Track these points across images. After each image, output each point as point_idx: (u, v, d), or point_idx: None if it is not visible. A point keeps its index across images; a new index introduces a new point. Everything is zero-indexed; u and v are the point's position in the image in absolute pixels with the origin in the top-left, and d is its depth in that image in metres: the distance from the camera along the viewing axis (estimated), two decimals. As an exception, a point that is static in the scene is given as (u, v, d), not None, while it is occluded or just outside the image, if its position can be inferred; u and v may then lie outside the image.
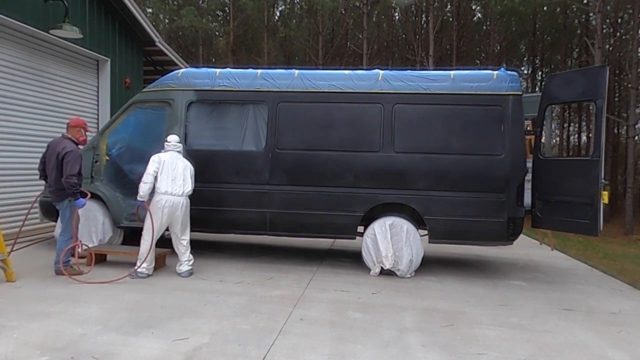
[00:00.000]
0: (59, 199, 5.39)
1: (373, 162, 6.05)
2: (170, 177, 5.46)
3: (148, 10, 27.57)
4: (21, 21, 7.20)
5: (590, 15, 22.55)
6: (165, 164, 5.47)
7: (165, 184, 5.44)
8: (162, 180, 5.44)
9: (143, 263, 5.45)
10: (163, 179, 5.45)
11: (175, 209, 5.47)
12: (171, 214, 5.47)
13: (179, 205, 5.48)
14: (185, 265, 5.66)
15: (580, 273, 6.83)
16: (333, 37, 28.10)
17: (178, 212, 5.49)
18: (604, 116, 5.68)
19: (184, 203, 5.54)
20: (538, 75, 30.98)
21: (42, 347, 3.43)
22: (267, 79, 6.33)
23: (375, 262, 6.02)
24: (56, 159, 5.24)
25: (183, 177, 5.53)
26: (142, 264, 5.45)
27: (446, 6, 28.08)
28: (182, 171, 5.54)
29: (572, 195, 5.80)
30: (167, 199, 5.43)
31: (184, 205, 5.53)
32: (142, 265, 5.45)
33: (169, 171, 5.47)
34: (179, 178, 5.50)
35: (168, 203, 5.43)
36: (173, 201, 5.44)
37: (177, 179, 5.49)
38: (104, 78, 9.50)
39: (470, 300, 5.07)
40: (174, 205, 5.45)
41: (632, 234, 17.57)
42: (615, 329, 4.33)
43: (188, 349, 3.50)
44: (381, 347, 3.67)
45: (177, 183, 5.48)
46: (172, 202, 5.43)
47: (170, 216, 5.48)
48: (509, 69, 6.10)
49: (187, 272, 5.65)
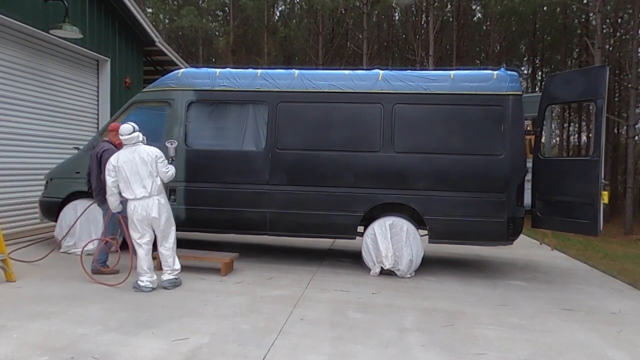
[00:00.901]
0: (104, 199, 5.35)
1: (373, 162, 6.05)
2: (130, 180, 4.87)
3: (148, 10, 27.56)
4: (21, 21, 7.20)
5: (590, 15, 22.55)
6: (120, 169, 4.88)
7: (126, 190, 4.91)
8: (122, 188, 4.93)
9: (142, 277, 4.98)
10: (122, 186, 4.92)
11: (148, 211, 4.89)
12: (145, 218, 4.90)
13: (151, 206, 4.90)
14: (167, 274, 5.06)
15: (580, 273, 6.83)
16: (333, 37, 28.08)
17: (154, 214, 4.91)
18: (604, 116, 5.67)
19: (157, 202, 4.94)
20: (538, 75, 30.99)
21: (42, 347, 3.43)
22: (267, 79, 6.33)
23: (375, 262, 6.02)
24: (96, 158, 5.51)
25: (146, 174, 4.88)
26: (141, 278, 4.98)
27: (446, 6, 28.09)
28: (141, 167, 4.88)
29: (572, 195, 5.80)
30: (134, 204, 4.89)
31: (156, 205, 4.92)
32: (140, 279, 4.98)
33: (126, 175, 4.87)
34: (138, 179, 4.87)
35: (137, 209, 4.88)
36: (142, 205, 4.88)
37: (137, 180, 4.87)
38: (104, 78, 9.50)
39: (470, 300, 5.07)
40: (145, 208, 4.89)
41: (632, 234, 17.57)
42: (615, 329, 4.33)
43: (188, 349, 3.50)
44: (381, 347, 3.67)
45: (138, 185, 4.87)
46: (140, 206, 4.88)
47: (145, 220, 4.92)
48: (509, 69, 6.10)
49: (169, 283, 5.01)
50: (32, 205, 7.62)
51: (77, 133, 8.92)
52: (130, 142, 4.98)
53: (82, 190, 6.47)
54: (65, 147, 8.42)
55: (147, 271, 4.97)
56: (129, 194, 4.91)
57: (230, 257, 5.90)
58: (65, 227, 6.50)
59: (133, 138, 4.97)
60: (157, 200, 4.95)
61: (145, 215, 4.90)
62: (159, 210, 4.95)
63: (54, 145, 8.33)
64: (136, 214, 4.90)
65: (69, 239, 6.48)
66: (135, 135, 4.99)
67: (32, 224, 7.77)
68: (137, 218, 4.91)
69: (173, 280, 5.10)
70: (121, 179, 4.90)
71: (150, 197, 4.91)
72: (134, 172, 4.88)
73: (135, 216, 4.90)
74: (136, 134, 5.00)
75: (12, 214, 7.48)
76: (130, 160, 4.90)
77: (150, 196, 4.92)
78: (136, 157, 4.91)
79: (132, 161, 4.90)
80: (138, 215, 4.90)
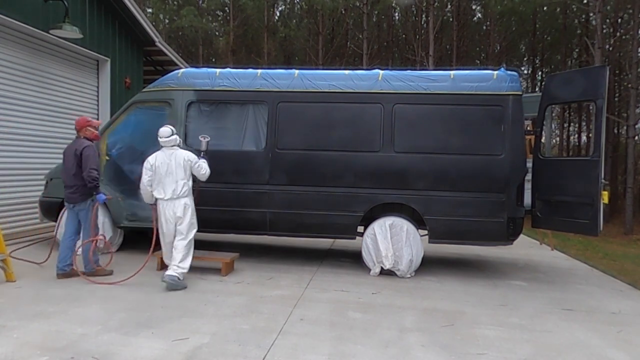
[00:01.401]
0: (81, 198, 5.31)
1: (373, 162, 6.05)
2: (163, 181, 5.18)
3: (148, 10, 27.55)
4: (21, 21, 7.20)
5: (590, 15, 22.54)
6: (157, 169, 5.19)
7: (158, 190, 5.23)
8: (154, 188, 5.25)
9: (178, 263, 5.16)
10: (155, 186, 5.24)
11: (175, 211, 5.21)
12: (171, 217, 5.23)
13: (177, 207, 5.20)
14: (171, 269, 5.08)
15: (580, 273, 6.83)
16: (333, 37, 28.06)
17: (179, 214, 5.21)
18: (604, 116, 5.67)
19: (184, 204, 5.23)
20: (538, 75, 30.98)
21: (42, 347, 3.43)
22: (267, 79, 6.33)
23: (375, 262, 6.02)
24: (74, 157, 5.24)
25: (179, 177, 5.19)
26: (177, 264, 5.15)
27: (446, 6, 28.07)
28: (176, 170, 5.19)
29: (572, 195, 5.80)
30: (164, 205, 5.22)
31: (182, 206, 5.21)
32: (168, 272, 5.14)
33: (161, 176, 5.19)
34: (172, 180, 5.17)
35: (165, 209, 5.22)
36: (170, 205, 5.21)
37: (170, 182, 5.17)
38: (104, 78, 9.50)
39: (470, 300, 5.07)
40: (172, 209, 5.20)
41: (632, 234, 17.56)
42: (615, 329, 4.33)
43: (188, 349, 3.50)
44: (381, 347, 3.67)
45: (169, 187, 5.18)
46: (168, 206, 5.21)
47: (171, 219, 5.24)
48: (509, 69, 6.10)
49: (169, 278, 4.97)
50: (32, 205, 7.62)
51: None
52: (168, 145, 5.27)
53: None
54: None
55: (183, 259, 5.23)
56: (160, 193, 5.22)
57: (231, 257, 5.90)
58: (65, 227, 6.50)
59: (171, 141, 5.27)
60: (184, 201, 5.25)
61: (172, 214, 5.23)
62: (184, 210, 5.25)
63: (54, 145, 8.33)
64: (164, 215, 5.24)
65: None
66: (173, 138, 5.28)
67: (32, 224, 7.77)
68: (165, 218, 5.25)
69: (174, 277, 5.00)
70: (156, 178, 5.22)
71: (178, 198, 5.21)
72: (168, 174, 5.19)
73: (164, 216, 5.26)
74: (174, 137, 5.29)
75: (12, 214, 7.48)
76: (167, 162, 5.21)
77: (179, 198, 5.22)
78: (172, 161, 5.22)
79: (169, 164, 5.21)
80: (166, 215, 5.24)
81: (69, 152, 5.38)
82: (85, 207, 5.36)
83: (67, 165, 5.35)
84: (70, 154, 5.31)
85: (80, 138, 5.42)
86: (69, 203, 5.39)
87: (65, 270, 5.31)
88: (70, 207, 5.41)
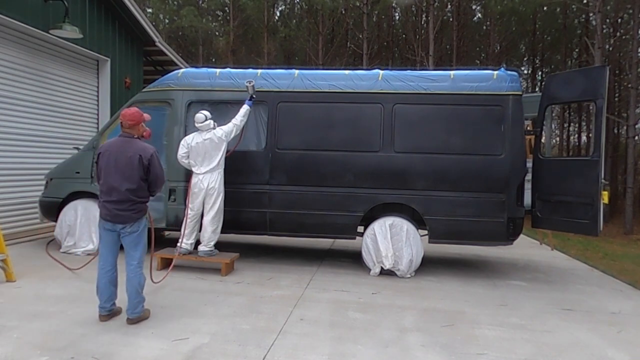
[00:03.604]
0: (137, 216, 3.96)
1: (373, 162, 6.05)
2: (197, 161, 5.80)
3: (148, 10, 27.56)
4: (21, 21, 7.21)
5: (590, 15, 22.54)
6: (192, 149, 5.80)
7: (194, 166, 5.83)
8: (191, 163, 5.86)
9: (182, 238, 5.88)
10: (191, 162, 5.85)
11: (203, 185, 5.76)
12: (200, 191, 5.77)
13: (206, 181, 5.75)
14: (202, 245, 5.88)
15: (580, 273, 6.83)
16: (333, 37, 28.06)
17: (206, 188, 5.76)
18: (604, 116, 5.67)
19: (211, 178, 5.76)
20: (538, 75, 30.99)
21: (42, 347, 3.43)
22: (267, 79, 6.33)
23: (375, 262, 6.01)
24: (135, 164, 3.89)
25: (214, 154, 5.77)
26: (182, 240, 5.88)
27: (446, 6, 28.07)
28: (210, 149, 5.76)
29: (572, 195, 5.80)
30: (199, 178, 5.78)
31: (210, 181, 5.75)
32: (182, 241, 5.88)
33: (194, 154, 5.80)
34: (206, 159, 5.77)
35: (198, 182, 5.78)
36: (202, 178, 5.77)
37: (204, 160, 5.78)
38: (104, 78, 9.51)
39: (470, 300, 5.07)
40: (202, 183, 5.76)
41: (632, 234, 17.57)
42: (615, 329, 4.33)
43: (188, 349, 3.50)
44: (381, 347, 3.67)
45: (205, 164, 5.78)
46: (200, 180, 5.77)
47: (200, 193, 5.78)
48: (509, 69, 6.10)
49: (204, 253, 5.83)
50: (32, 205, 7.62)
51: (77, 133, 8.93)
52: (204, 129, 5.82)
53: (82, 190, 6.48)
54: (65, 147, 8.43)
55: (186, 235, 5.88)
56: (196, 169, 5.83)
57: (231, 257, 5.91)
58: (65, 227, 6.50)
59: (205, 126, 5.81)
60: (210, 176, 5.80)
61: (201, 187, 5.77)
62: (210, 185, 5.78)
63: (54, 145, 8.33)
64: (196, 187, 5.79)
65: (68, 238, 6.48)
66: (207, 124, 5.82)
67: (32, 224, 7.77)
68: (195, 190, 5.79)
69: (208, 252, 5.87)
70: (191, 156, 5.82)
71: (206, 173, 5.79)
72: (202, 153, 5.78)
73: (195, 188, 5.79)
74: (208, 122, 5.82)
75: (12, 214, 7.48)
76: (202, 144, 5.77)
77: (212, 171, 5.80)
78: (207, 142, 5.77)
79: (203, 144, 5.77)
80: (197, 188, 5.78)
81: (120, 156, 3.92)
82: (139, 228, 3.99)
83: (116, 175, 3.90)
84: (124, 160, 3.90)
85: (133, 137, 4.04)
86: (114, 223, 3.91)
87: (112, 310, 4.10)
88: (110, 227, 3.94)
